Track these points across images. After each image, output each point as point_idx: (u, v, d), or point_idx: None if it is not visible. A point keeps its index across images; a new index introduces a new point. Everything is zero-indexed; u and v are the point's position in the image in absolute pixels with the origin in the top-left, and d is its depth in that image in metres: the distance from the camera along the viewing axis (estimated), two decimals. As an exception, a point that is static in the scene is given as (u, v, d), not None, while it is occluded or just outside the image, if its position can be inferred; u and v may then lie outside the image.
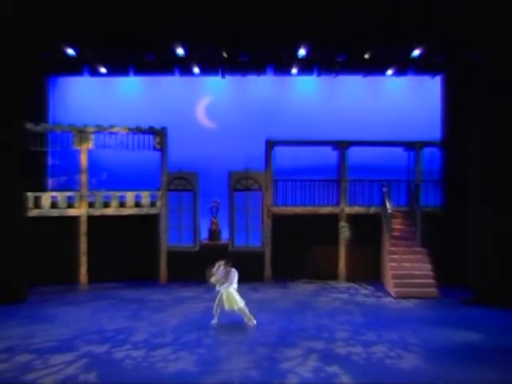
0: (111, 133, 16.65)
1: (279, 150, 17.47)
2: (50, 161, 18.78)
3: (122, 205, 16.82)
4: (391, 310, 13.90)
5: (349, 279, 17.34)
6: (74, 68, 18.33)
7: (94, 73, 18.61)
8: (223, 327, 11.87)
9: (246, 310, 11.97)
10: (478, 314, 13.26)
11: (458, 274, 15.42)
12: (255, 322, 11.96)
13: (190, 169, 17.70)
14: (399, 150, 17.61)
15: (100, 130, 16.58)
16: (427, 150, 17.38)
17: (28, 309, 13.44)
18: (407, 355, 10.19)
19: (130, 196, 16.92)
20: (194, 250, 17.67)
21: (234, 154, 18.52)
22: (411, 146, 17.38)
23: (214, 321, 11.99)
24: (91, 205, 16.53)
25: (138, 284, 16.47)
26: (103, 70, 18.41)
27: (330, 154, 17.67)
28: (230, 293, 11.84)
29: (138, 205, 17.01)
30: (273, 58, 18.22)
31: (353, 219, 17.27)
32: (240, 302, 11.87)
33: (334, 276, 17.46)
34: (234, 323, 12.11)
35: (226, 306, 11.85)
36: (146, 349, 10.35)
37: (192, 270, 17.11)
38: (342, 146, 17.37)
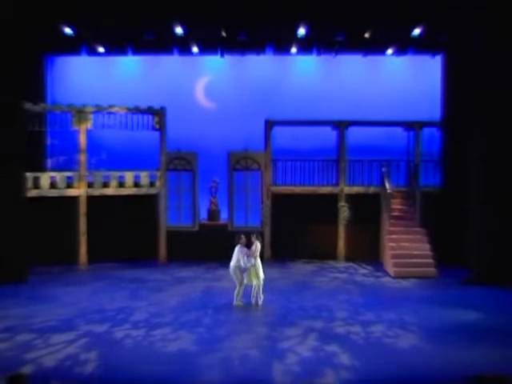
0: (110, 113, 16.52)
1: (278, 130, 17.37)
2: (48, 141, 18.67)
3: (121, 185, 16.79)
4: (390, 289, 13.92)
5: (348, 259, 17.38)
6: (72, 47, 18.16)
7: (92, 52, 18.41)
8: (222, 307, 11.87)
9: (261, 288, 12.01)
10: (477, 294, 13.26)
11: (457, 254, 15.41)
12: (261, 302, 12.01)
13: (189, 149, 17.64)
14: (399, 130, 17.52)
15: (99, 109, 16.44)
16: (427, 131, 17.27)
17: (28, 289, 13.43)
18: (405, 334, 10.20)
19: (129, 176, 16.88)
20: (193, 229, 17.66)
21: (233, 133, 18.44)
22: (411, 126, 17.27)
23: (238, 302, 12.05)
24: (90, 185, 16.47)
25: (137, 264, 16.48)
26: (101, 49, 18.22)
27: (329, 134, 17.58)
28: (256, 266, 11.90)
29: (137, 185, 16.99)
30: (272, 38, 18.03)
31: (352, 199, 17.24)
32: (261, 278, 11.93)
33: (334, 256, 17.50)
34: (233, 303, 12.12)
35: (246, 280, 11.90)
36: (145, 328, 10.36)
37: (191, 249, 17.35)
38: (341, 126, 17.27)
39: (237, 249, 11.93)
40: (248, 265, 11.91)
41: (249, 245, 12.16)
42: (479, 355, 9.23)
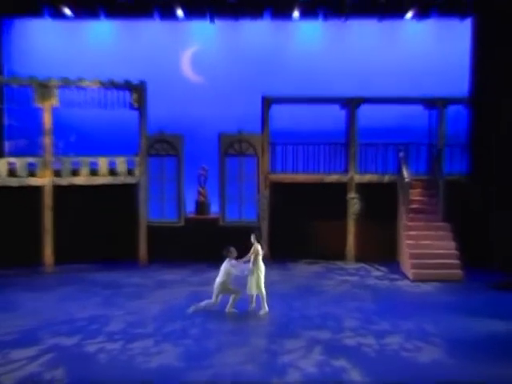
0: (79, 87, 16.39)
1: (278, 109, 17.35)
2: (5, 120, 18.57)
3: (93, 173, 16.74)
4: (408, 294, 14.00)
5: (359, 259, 17.45)
6: (33, 8, 17.92)
7: (58, 15, 18.22)
8: (212, 315, 11.90)
9: (265, 297, 12.17)
10: (510, 301, 13.32)
11: (486, 254, 15.47)
12: (267, 309, 12.15)
13: (173, 130, 17.63)
14: (419, 109, 17.52)
15: (66, 83, 16.31)
16: (452, 109, 17.28)
17: (-16, 295, 13.45)
18: (426, 347, 10.25)
19: (102, 162, 16.81)
20: (178, 225, 17.68)
21: (224, 113, 18.44)
22: (433, 103, 17.25)
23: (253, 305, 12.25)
24: (57, 173, 16.39)
25: (112, 266, 16.51)
26: (68, 11, 18.05)
27: (337, 114, 17.59)
28: (256, 275, 12.07)
29: (112, 173, 16.93)
30: (270, -1, 17.95)
31: (364, 189, 17.28)
32: (262, 287, 12.09)
33: (342, 255, 17.55)
34: (224, 310, 12.16)
35: (247, 290, 12.11)
36: (122, 340, 10.36)
37: (176, 248, 17.35)
38: (351, 103, 17.26)
39: (224, 264, 11.98)
40: (245, 273, 11.97)
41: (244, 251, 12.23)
42: (509, 371, 9.26)
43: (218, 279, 11.98)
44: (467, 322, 11.65)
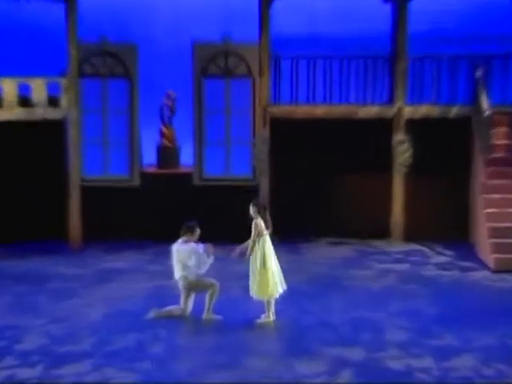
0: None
1: (283, 5, 17.23)
2: None
3: (-5, 103, 16.86)
4: (487, 292, 13.93)
5: (410, 238, 17.55)
6: None
7: None
8: (184, 325, 11.85)
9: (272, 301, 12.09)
10: None
11: None
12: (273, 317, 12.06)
13: (121, 37, 17.67)
14: (505, 2, 17.38)
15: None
16: None
17: None
18: (515, 374, 10.15)
19: (9, 86, 16.84)
20: (130, 184, 17.83)
21: (202, 9, 18.40)
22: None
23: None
24: None
25: (29, 249, 16.63)
26: None
27: (376, 11, 17.51)
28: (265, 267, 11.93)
29: (25, 103, 16.97)
30: None
31: (419, 129, 17.24)
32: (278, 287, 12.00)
33: (384, 232, 17.68)
34: (201, 314, 11.98)
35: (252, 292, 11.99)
36: (43, 364, 10.09)
37: (127, 222, 17.46)
38: (400, -7, 17.21)
39: (176, 247, 11.99)
40: (207, 262, 11.87)
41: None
42: None
43: (177, 273, 11.95)
44: None
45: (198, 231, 11.95)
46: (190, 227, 11.91)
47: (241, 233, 12.11)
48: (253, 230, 11.91)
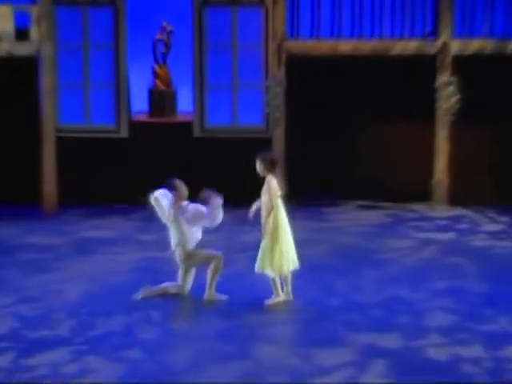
0: None
1: None
2: None
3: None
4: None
5: (456, 201, 17.70)
6: None
7: None
8: (180, 306, 11.97)
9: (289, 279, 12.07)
10: None
11: None
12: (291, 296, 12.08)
13: None
14: None
15: None
16: None
17: None
18: None
19: None
20: (116, 135, 17.96)
21: None
22: None
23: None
24: None
25: None
26: None
27: None
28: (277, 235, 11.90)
29: None
30: None
31: (468, 67, 17.28)
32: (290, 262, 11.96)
33: (424, 194, 17.78)
34: (202, 292, 12.04)
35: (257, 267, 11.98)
36: (12, 352, 10.18)
37: (113, 181, 17.63)
38: None
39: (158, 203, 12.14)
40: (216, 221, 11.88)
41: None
42: None
43: (174, 241, 12.03)
44: None
45: (181, 189, 12.02)
46: (170, 186, 12.02)
47: (249, 194, 12.04)
48: (267, 190, 11.75)
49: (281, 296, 12.03)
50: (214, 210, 11.83)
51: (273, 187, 11.76)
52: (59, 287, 12.66)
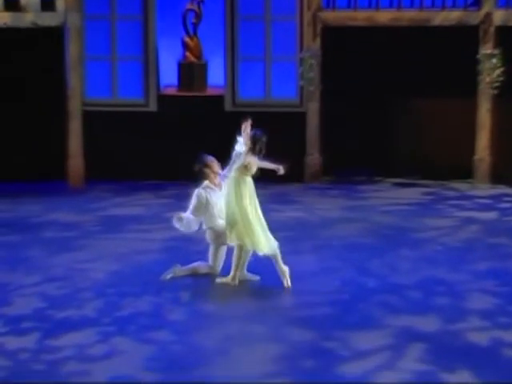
0: None
1: None
2: None
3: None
4: None
5: (499, 179, 17.69)
6: None
7: None
8: (210, 287, 11.95)
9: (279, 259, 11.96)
10: None
11: None
12: (289, 282, 11.95)
13: None
14: None
15: None
16: None
17: None
18: None
19: None
20: (145, 109, 18.10)
21: None
22: None
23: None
24: None
25: (20, 190, 16.97)
26: None
27: None
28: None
29: (12, 6, 17.12)
30: None
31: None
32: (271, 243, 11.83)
33: (465, 171, 17.77)
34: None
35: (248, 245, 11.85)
36: (38, 333, 10.19)
37: (141, 156, 17.71)
38: None
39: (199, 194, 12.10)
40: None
41: None
42: None
43: (204, 220, 11.97)
44: None
45: (214, 166, 12.01)
46: (201, 164, 12.05)
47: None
48: (240, 163, 11.66)
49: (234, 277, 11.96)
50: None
51: (252, 167, 11.70)
52: (85, 266, 12.74)
